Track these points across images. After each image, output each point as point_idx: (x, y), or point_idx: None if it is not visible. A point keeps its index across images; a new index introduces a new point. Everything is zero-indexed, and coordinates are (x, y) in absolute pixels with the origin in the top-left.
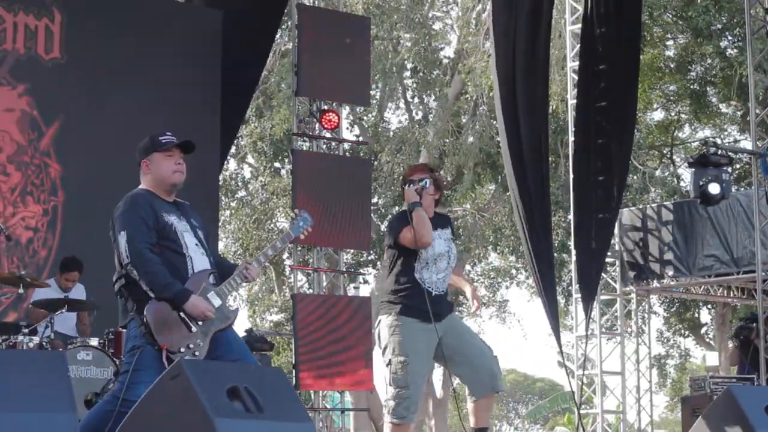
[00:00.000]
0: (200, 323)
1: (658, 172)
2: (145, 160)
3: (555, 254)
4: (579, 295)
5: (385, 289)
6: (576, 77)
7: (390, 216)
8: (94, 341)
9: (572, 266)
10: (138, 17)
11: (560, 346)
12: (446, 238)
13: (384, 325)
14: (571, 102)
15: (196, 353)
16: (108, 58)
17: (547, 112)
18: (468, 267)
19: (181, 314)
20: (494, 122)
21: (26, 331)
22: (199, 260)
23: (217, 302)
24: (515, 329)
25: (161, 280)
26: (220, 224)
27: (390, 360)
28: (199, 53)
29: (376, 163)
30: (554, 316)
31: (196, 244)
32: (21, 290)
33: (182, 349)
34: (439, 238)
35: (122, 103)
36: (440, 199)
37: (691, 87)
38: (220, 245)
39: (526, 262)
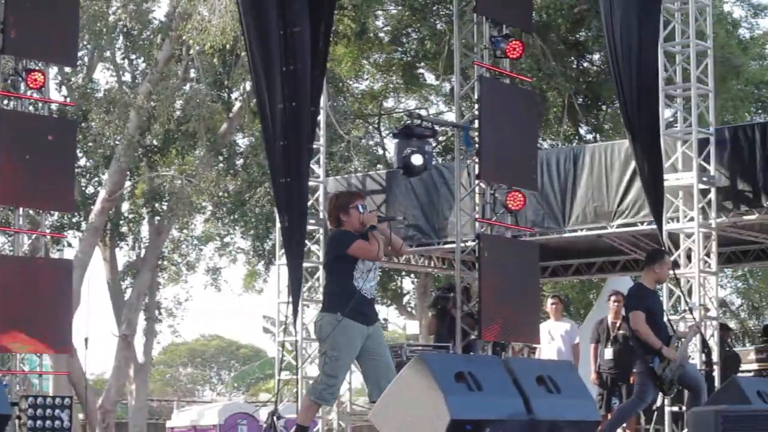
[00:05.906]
0: None
1: (363, 141)
2: None
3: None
4: (282, 261)
5: (330, 291)
6: None
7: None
8: None
9: (276, 231)
10: None
11: (296, 314)
12: None
13: (327, 321)
14: None
15: None
16: None
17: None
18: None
19: None
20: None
21: None
22: None
23: None
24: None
25: None
26: None
27: (326, 352)
28: None
29: (84, 124)
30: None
31: None
32: None
33: None
34: None
35: None
36: None
37: (402, 60)
38: None
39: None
